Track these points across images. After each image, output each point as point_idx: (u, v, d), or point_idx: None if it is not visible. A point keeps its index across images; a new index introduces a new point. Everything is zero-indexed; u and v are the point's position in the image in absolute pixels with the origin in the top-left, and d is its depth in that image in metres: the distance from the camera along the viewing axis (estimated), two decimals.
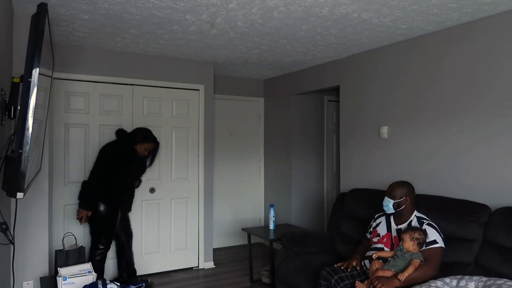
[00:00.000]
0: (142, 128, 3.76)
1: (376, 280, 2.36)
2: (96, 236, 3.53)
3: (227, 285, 3.92)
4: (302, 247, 3.33)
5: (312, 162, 5.20)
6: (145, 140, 3.65)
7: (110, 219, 3.52)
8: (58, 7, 2.75)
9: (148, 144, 3.67)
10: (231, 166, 5.39)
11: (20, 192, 1.69)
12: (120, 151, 3.55)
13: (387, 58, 3.63)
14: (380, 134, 3.69)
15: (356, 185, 3.95)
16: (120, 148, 3.57)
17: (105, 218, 3.49)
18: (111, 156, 3.51)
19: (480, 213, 2.58)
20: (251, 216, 5.54)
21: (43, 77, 1.99)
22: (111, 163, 3.46)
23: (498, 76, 2.76)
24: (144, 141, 3.64)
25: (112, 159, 3.48)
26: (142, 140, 3.63)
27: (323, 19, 2.95)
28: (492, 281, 2.11)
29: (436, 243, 2.48)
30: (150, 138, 3.69)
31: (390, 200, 2.66)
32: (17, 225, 2.92)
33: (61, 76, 3.68)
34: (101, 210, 3.45)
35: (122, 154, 3.53)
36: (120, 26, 3.17)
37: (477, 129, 2.89)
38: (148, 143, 3.67)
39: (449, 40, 3.09)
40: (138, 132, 3.69)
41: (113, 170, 3.45)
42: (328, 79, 4.39)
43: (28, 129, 1.66)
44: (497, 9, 2.69)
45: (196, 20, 3.00)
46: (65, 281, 2.40)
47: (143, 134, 3.68)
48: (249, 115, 5.54)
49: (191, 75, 4.39)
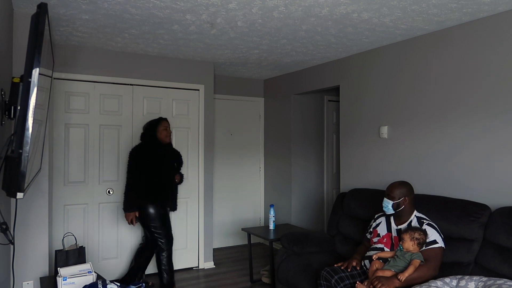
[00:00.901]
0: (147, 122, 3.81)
1: (376, 280, 2.36)
2: (156, 240, 3.55)
3: (227, 285, 3.92)
4: (302, 247, 3.33)
5: (312, 162, 5.20)
6: (156, 123, 3.67)
7: (162, 218, 3.55)
8: (58, 7, 2.75)
9: (161, 124, 3.67)
10: (231, 166, 5.39)
11: (20, 192, 1.69)
12: (144, 148, 3.58)
13: (387, 58, 3.63)
14: (380, 134, 3.69)
15: (356, 185, 3.95)
16: (143, 146, 3.61)
17: (157, 219, 3.51)
18: (138, 156, 3.54)
19: (480, 213, 2.57)
20: (251, 216, 5.54)
21: (43, 77, 1.99)
22: (140, 163, 3.50)
23: (498, 76, 2.76)
24: (157, 124, 3.66)
25: (140, 159, 3.52)
26: (155, 124, 3.66)
27: (323, 19, 2.95)
28: (492, 281, 2.11)
29: (436, 243, 2.48)
30: (157, 119, 3.73)
31: (389, 201, 2.67)
32: (17, 225, 2.92)
33: (61, 76, 3.68)
34: (151, 213, 3.49)
35: (147, 151, 3.56)
36: (120, 26, 3.17)
37: (477, 129, 2.89)
38: (160, 123, 3.67)
39: (449, 40, 3.09)
40: (146, 125, 3.74)
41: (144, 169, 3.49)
42: (328, 79, 4.39)
43: (28, 129, 1.66)
44: (497, 9, 2.69)
45: (196, 20, 3.00)
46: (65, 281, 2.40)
47: (150, 121, 3.73)
48: (249, 115, 5.54)
49: (191, 75, 4.39)
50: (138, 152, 3.58)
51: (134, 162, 3.55)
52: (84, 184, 3.85)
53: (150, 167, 3.53)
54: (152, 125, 3.67)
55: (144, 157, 3.54)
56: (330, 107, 5.35)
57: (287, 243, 3.38)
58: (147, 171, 3.51)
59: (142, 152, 3.57)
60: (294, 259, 3.25)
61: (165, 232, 3.57)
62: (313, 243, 3.43)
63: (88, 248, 3.80)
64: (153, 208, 3.51)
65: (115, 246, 3.99)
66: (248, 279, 4.07)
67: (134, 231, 4.08)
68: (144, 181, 3.50)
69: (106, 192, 3.94)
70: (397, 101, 3.53)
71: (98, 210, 3.91)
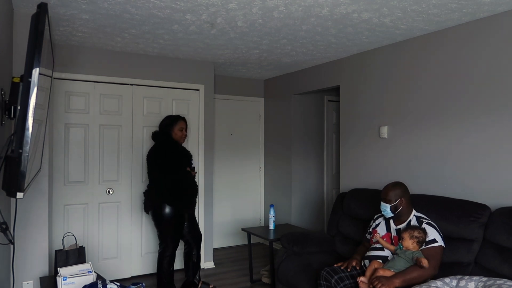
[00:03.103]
0: (164, 118, 3.69)
1: (376, 280, 2.36)
2: (163, 240, 3.42)
3: (227, 285, 3.92)
4: (302, 247, 3.33)
5: (312, 162, 5.20)
6: (172, 122, 3.56)
7: (176, 220, 3.40)
8: (58, 7, 2.76)
9: (177, 124, 3.55)
10: (231, 166, 5.39)
11: (20, 192, 1.69)
12: (160, 149, 3.45)
13: (387, 58, 3.63)
14: (380, 134, 3.69)
15: (356, 185, 3.95)
16: (158, 147, 3.47)
17: (170, 220, 3.37)
18: (156, 157, 3.42)
19: (480, 213, 2.57)
20: (251, 216, 5.54)
21: (43, 77, 1.99)
22: (159, 163, 3.38)
23: (499, 76, 2.76)
24: (173, 123, 3.55)
25: (158, 160, 3.40)
26: (171, 124, 3.55)
27: (323, 19, 2.95)
28: (492, 281, 2.11)
29: (436, 242, 2.48)
30: (174, 117, 3.61)
31: (387, 204, 2.67)
32: (17, 225, 2.92)
33: (61, 76, 3.69)
34: (166, 212, 3.34)
35: (164, 151, 3.43)
36: (120, 26, 3.17)
37: (477, 129, 2.90)
38: (176, 123, 3.56)
39: (449, 40, 3.09)
40: (162, 122, 3.62)
41: (164, 170, 3.37)
42: (328, 79, 4.39)
43: (28, 129, 1.66)
44: (497, 9, 2.69)
45: (196, 20, 3.00)
46: (65, 281, 2.40)
47: (167, 119, 3.62)
48: (249, 115, 5.54)
49: (191, 75, 4.40)
50: (155, 153, 3.45)
51: (156, 161, 3.41)
52: (84, 184, 3.85)
53: (171, 167, 3.39)
54: (167, 125, 3.56)
55: (162, 158, 3.40)
56: (330, 107, 5.35)
57: (287, 243, 3.38)
58: (169, 172, 3.38)
59: (161, 152, 3.43)
60: (294, 259, 3.25)
61: (170, 238, 3.41)
62: (313, 243, 3.43)
63: (88, 248, 3.81)
64: (170, 209, 3.37)
65: (115, 246, 3.99)
66: (248, 279, 4.08)
67: (134, 231, 4.08)
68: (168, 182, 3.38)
69: (106, 192, 3.94)
70: (397, 101, 3.53)
71: (98, 210, 3.91)
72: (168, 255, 3.42)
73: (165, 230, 3.40)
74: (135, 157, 4.08)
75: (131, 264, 4.08)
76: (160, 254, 3.44)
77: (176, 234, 3.44)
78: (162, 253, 3.43)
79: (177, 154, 3.48)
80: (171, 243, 3.42)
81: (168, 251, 3.41)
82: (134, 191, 4.08)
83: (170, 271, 3.47)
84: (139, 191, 4.07)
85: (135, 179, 4.09)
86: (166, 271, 3.43)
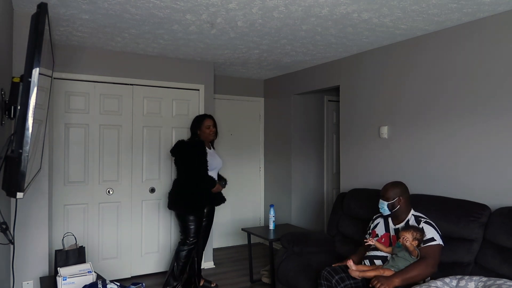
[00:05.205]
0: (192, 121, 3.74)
1: (376, 280, 2.36)
2: (185, 232, 3.51)
3: (227, 285, 3.92)
4: (302, 247, 3.33)
5: (312, 162, 5.20)
6: (199, 121, 3.62)
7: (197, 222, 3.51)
8: (58, 7, 2.76)
9: (204, 122, 3.60)
10: (231, 166, 5.39)
11: (20, 192, 1.69)
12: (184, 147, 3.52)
13: (387, 58, 3.63)
14: (380, 134, 3.69)
15: (356, 185, 3.95)
16: (184, 144, 3.54)
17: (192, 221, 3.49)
18: (180, 156, 3.50)
19: (480, 213, 2.58)
20: (251, 216, 5.54)
21: (43, 77, 1.99)
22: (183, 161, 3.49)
23: (499, 76, 2.76)
24: (199, 122, 3.61)
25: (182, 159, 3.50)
26: (197, 123, 3.61)
27: (323, 19, 2.95)
28: (492, 281, 2.11)
29: (434, 241, 2.48)
30: (200, 117, 3.66)
31: (384, 202, 2.69)
32: (17, 225, 2.92)
33: (61, 76, 3.68)
34: (190, 218, 3.48)
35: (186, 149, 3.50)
36: (120, 26, 3.17)
37: (477, 129, 2.90)
38: (204, 121, 3.60)
39: (449, 40, 3.09)
40: (191, 125, 3.68)
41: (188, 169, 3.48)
42: (328, 79, 4.39)
43: (28, 129, 1.66)
44: (497, 9, 2.69)
45: (196, 20, 3.00)
46: (65, 281, 2.40)
47: (194, 119, 3.68)
48: (249, 115, 5.54)
49: (191, 75, 4.39)
50: (179, 149, 3.52)
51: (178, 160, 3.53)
52: (84, 184, 3.85)
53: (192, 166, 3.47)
54: (194, 126, 3.63)
55: (185, 155, 3.48)
56: (330, 107, 5.35)
57: (287, 243, 3.38)
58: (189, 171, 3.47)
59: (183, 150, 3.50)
60: (294, 259, 3.25)
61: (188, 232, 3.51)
62: (313, 243, 3.43)
63: (88, 248, 3.80)
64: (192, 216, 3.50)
65: (115, 246, 3.99)
66: (248, 279, 4.08)
67: (134, 231, 4.08)
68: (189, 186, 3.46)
69: (106, 192, 3.94)
70: (397, 101, 3.53)
71: (98, 210, 3.91)
72: (187, 248, 3.50)
73: (188, 227, 3.50)
74: (135, 157, 4.08)
75: (131, 264, 4.08)
76: (180, 243, 3.55)
77: (197, 230, 3.54)
78: (182, 242, 3.53)
79: (199, 153, 3.49)
80: (193, 233, 3.50)
81: (187, 242, 3.50)
82: (134, 191, 4.08)
83: (184, 263, 3.51)
84: (139, 191, 4.07)
85: (135, 179, 4.09)
86: (181, 261, 3.49)
